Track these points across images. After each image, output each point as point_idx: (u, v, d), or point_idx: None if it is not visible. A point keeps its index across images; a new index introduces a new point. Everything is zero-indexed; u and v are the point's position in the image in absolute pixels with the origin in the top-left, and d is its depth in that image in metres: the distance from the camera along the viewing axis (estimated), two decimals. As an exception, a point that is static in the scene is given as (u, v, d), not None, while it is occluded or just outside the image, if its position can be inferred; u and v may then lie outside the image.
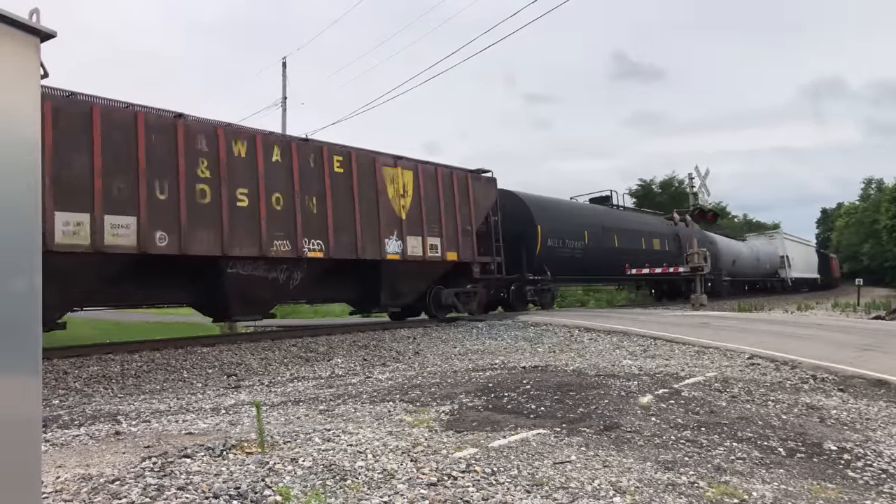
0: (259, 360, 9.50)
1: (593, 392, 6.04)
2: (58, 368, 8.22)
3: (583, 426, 4.83)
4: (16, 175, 2.05)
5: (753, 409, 5.50)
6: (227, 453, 3.97)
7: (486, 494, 3.28)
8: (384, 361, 9.50)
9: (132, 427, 5.23)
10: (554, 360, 8.76)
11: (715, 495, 3.36)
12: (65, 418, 5.77)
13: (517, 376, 7.06)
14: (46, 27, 2.14)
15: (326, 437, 4.41)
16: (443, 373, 7.82)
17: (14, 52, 2.05)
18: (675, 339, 10.43)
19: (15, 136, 2.05)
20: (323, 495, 3.18)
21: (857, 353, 8.63)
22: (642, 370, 7.55)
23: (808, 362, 7.79)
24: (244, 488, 3.25)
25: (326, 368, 8.91)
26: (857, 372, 7.18)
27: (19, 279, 2.03)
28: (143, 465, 3.67)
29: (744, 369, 7.65)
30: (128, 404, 6.53)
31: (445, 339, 11.95)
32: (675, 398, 5.81)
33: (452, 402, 5.76)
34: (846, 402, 5.91)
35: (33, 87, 2.12)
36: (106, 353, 9.30)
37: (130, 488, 3.26)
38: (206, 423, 5.29)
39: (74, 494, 3.21)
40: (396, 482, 3.45)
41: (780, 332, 11.11)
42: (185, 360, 9.27)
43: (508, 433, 4.59)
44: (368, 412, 5.46)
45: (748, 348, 9.04)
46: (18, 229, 2.06)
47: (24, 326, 2.04)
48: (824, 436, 4.66)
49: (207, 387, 7.69)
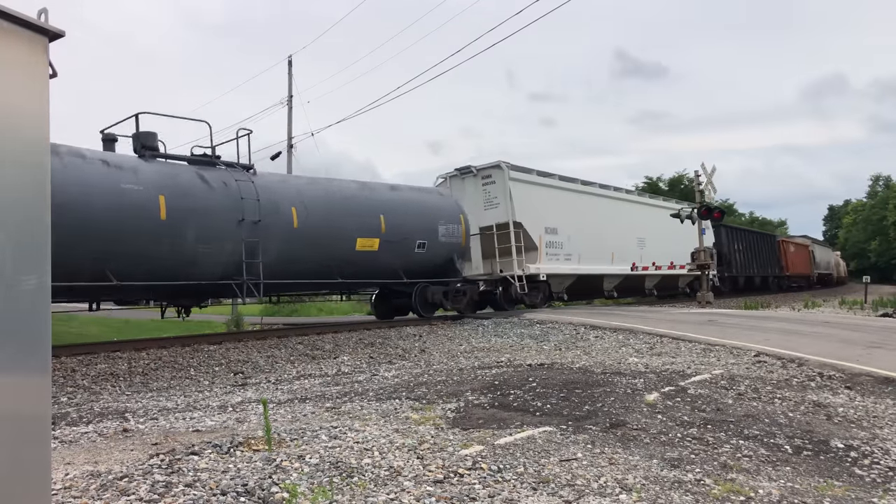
0: (266, 358, 9.53)
1: (599, 390, 6.04)
2: (66, 366, 8.27)
3: (589, 424, 4.83)
4: (24, 175, 2.07)
5: (760, 406, 5.49)
6: (234, 450, 3.99)
7: (492, 492, 3.29)
8: (390, 359, 9.51)
9: (140, 424, 5.26)
10: (560, 357, 8.76)
11: (721, 493, 3.36)
12: (73, 416, 5.81)
13: (523, 374, 7.06)
14: (55, 27, 2.15)
15: (333, 434, 4.43)
16: (449, 370, 7.83)
17: (23, 52, 2.06)
18: (681, 336, 10.41)
19: (24, 136, 2.06)
20: (330, 492, 3.19)
21: (864, 350, 8.60)
22: (648, 368, 7.54)
23: (815, 360, 7.76)
24: (251, 485, 3.27)
25: (333, 366, 8.93)
26: (864, 369, 7.15)
27: (28, 278, 2.05)
28: (151, 462, 3.69)
29: (750, 367, 7.63)
30: (135, 402, 6.57)
31: (451, 336, 11.96)
32: (682, 396, 5.80)
33: (458, 400, 5.77)
34: (853, 399, 5.89)
35: (42, 86, 2.13)
36: (113, 351, 9.35)
37: (139, 485, 3.28)
38: (214, 420, 5.32)
39: (83, 491, 3.23)
40: (403, 479, 3.46)
41: (786, 330, 11.07)
42: (192, 357, 9.31)
43: (514, 431, 4.60)
44: (375, 410, 5.48)
45: (755, 346, 9.01)
46: (27, 230, 2.07)
47: (34, 325, 2.06)
48: (831, 433, 4.65)
49: (214, 384, 7.72)
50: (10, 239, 1.98)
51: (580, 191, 20.08)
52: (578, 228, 18.79)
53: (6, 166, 1.98)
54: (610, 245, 20.52)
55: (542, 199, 17.89)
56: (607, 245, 20.36)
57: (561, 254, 18.31)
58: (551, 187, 18.69)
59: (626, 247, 21.60)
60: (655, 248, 22.71)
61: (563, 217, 18.29)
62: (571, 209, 18.83)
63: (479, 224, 16.88)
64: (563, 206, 18.53)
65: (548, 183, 18.62)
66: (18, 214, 2.02)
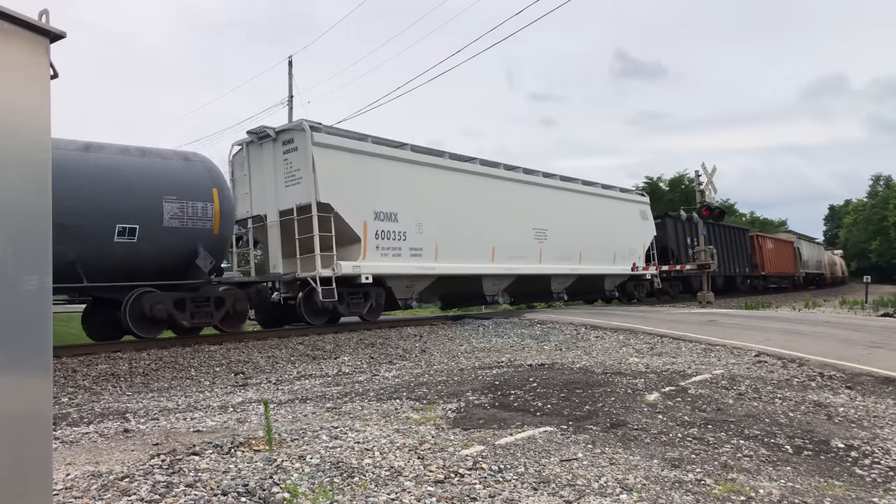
0: (266, 359, 9.53)
1: (600, 390, 6.04)
2: (67, 367, 8.27)
3: (589, 424, 4.83)
4: (26, 175, 2.07)
5: (760, 406, 5.49)
6: (235, 451, 3.99)
7: (492, 492, 3.29)
8: (391, 359, 9.52)
9: (141, 425, 5.27)
10: (560, 357, 8.76)
11: (722, 493, 3.36)
12: (74, 416, 5.81)
13: (524, 374, 7.06)
14: (56, 28, 2.16)
15: (334, 434, 4.43)
16: (449, 370, 7.83)
17: (24, 53, 2.07)
18: (681, 336, 10.41)
19: (25, 136, 2.07)
20: (330, 492, 3.20)
21: (864, 350, 8.60)
22: (649, 368, 7.55)
23: (816, 360, 7.76)
24: (252, 485, 3.27)
25: (333, 366, 8.94)
26: (864, 369, 7.15)
27: (30, 279, 2.05)
28: (152, 463, 3.70)
29: (751, 367, 7.63)
30: (136, 402, 6.57)
31: (452, 336, 11.97)
32: (682, 396, 5.81)
33: (459, 400, 5.77)
34: (854, 399, 5.89)
35: (43, 87, 2.14)
36: (114, 352, 9.35)
37: (140, 485, 3.29)
38: (214, 420, 5.32)
39: (84, 491, 3.23)
40: (403, 479, 3.46)
41: (787, 330, 11.07)
42: (192, 358, 9.31)
43: (515, 431, 4.60)
44: (375, 410, 5.48)
45: (755, 346, 9.01)
46: (28, 229, 2.08)
47: (35, 325, 2.06)
48: (832, 433, 4.65)
49: (215, 385, 7.73)
50: (12, 239, 1.98)
51: (441, 166, 15.09)
52: (437, 215, 14.37)
53: (8, 166, 1.98)
54: (490, 238, 15.77)
55: (372, 175, 13.23)
56: (485, 238, 15.66)
57: (404, 248, 13.70)
58: (388, 159, 13.77)
59: (518, 240, 16.78)
60: (567, 242, 18.36)
61: (408, 199, 13.86)
62: (425, 190, 14.33)
63: (280, 206, 12.75)
64: (409, 185, 13.99)
65: (381, 153, 13.68)
66: (20, 214, 2.02)
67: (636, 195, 23.40)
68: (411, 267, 13.91)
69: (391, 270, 13.50)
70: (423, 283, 14.72)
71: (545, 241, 17.60)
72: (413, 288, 14.51)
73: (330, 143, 12.68)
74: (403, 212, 13.70)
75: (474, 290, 16.32)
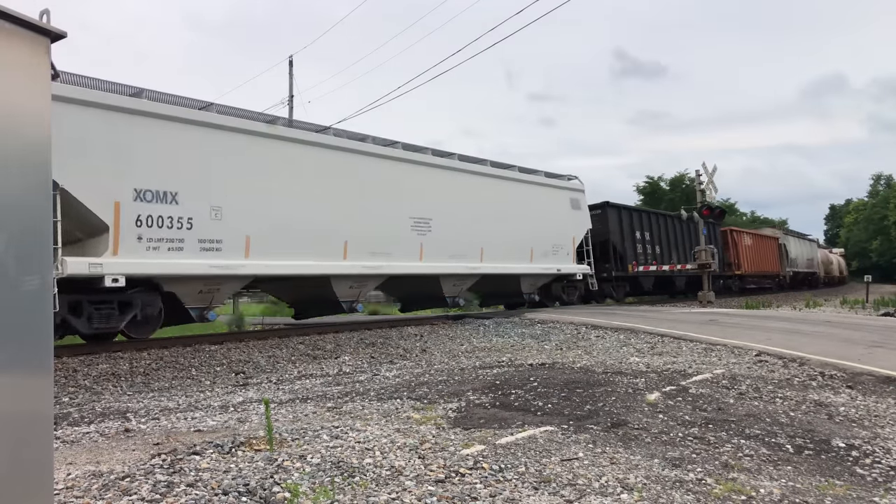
0: (267, 358, 9.54)
1: (600, 389, 6.04)
2: (67, 366, 8.28)
3: (590, 423, 4.83)
4: (27, 175, 2.07)
5: (761, 406, 5.49)
6: (235, 450, 3.99)
7: (493, 491, 3.29)
8: (391, 359, 9.52)
9: (141, 424, 5.27)
10: (561, 357, 8.76)
11: (722, 492, 3.36)
12: (75, 416, 5.82)
13: (524, 374, 7.06)
14: (56, 28, 2.16)
15: (334, 434, 4.43)
16: (450, 370, 7.84)
17: (25, 53, 2.07)
18: (682, 336, 10.41)
19: (26, 136, 2.07)
20: (331, 492, 3.20)
21: (865, 349, 8.59)
22: (650, 367, 7.54)
23: (817, 359, 7.76)
24: (253, 485, 3.27)
25: (334, 366, 8.94)
26: (865, 369, 7.15)
27: (31, 278, 2.05)
28: (153, 462, 3.70)
29: (752, 366, 7.63)
30: (137, 402, 6.57)
31: (452, 336, 11.96)
32: (683, 395, 5.80)
33: (460, 400, 5.77)
34: (854, 398, 5.89)
35: (44, 87, 2.14)
36: (115, 351, 9.35)
37: (140, 485, 3.29)
38: (215, 420, 5.32)
39: (85, 491, 3.24)
40: (404, 479, 3.46)
41: (787, 329, 11.07)
42: (193, 357, 9.32)
43: (516, 430, 4.60)
44: (376, 409, 5.48)
45: (756, 345, 9.01)
46: (29, 229, 2.08)
47: (36, 325, 2.06)
48: (832, 433, 4.65)
49: (216, 384, 7.73)
50: (13, 239, 1.98)
51: (258, 133, 11.26)
52: (247, 198, 10.76)
53: (8, 166, 1.98)
54: (342, 230, 12.30)
55: (140, 142, 9.52)
56: (335, 229, 12.19)
57: (189, 239, 10.01)
58: (166, 120, 9.93)
59: (385, 233, 13.17)
60: (461, 235, 14.79)
61: (197, 176, 10.18)
62: (228, 165, 10.62)
63: None
64: (200, 156, 10.27)
65: (157, 112, 9.86)
66: (21, 214, 2.02)
67: (566, 181, 18.83)
68: (202, 265, 10.14)
69: (167, 270, 9.78)
70: (233, 287, 11.48)
71: (428, 234, 14.04)
72: (217, 293, 10.94)
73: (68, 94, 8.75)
74: (187, 191, 9.99)
75: (320, 291, 12.81)
